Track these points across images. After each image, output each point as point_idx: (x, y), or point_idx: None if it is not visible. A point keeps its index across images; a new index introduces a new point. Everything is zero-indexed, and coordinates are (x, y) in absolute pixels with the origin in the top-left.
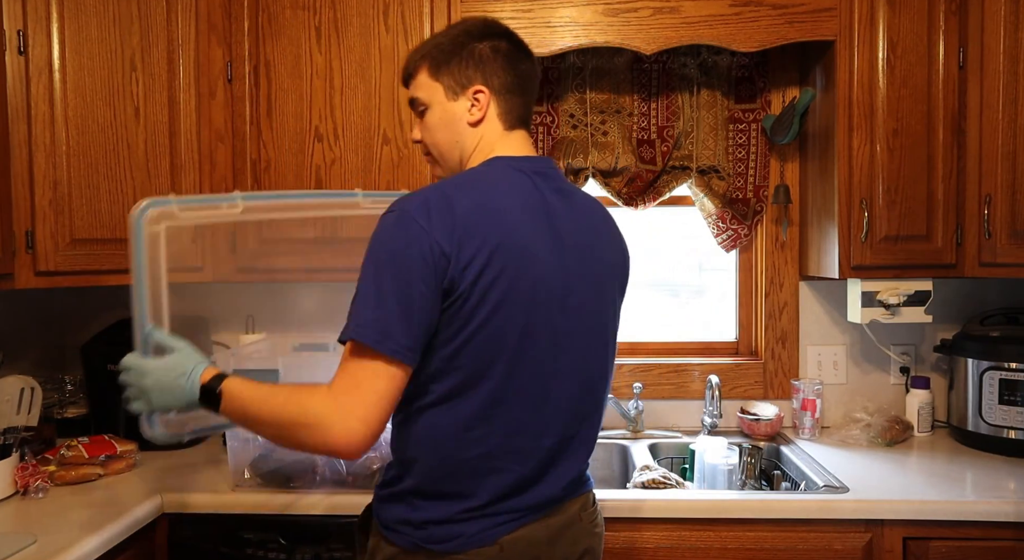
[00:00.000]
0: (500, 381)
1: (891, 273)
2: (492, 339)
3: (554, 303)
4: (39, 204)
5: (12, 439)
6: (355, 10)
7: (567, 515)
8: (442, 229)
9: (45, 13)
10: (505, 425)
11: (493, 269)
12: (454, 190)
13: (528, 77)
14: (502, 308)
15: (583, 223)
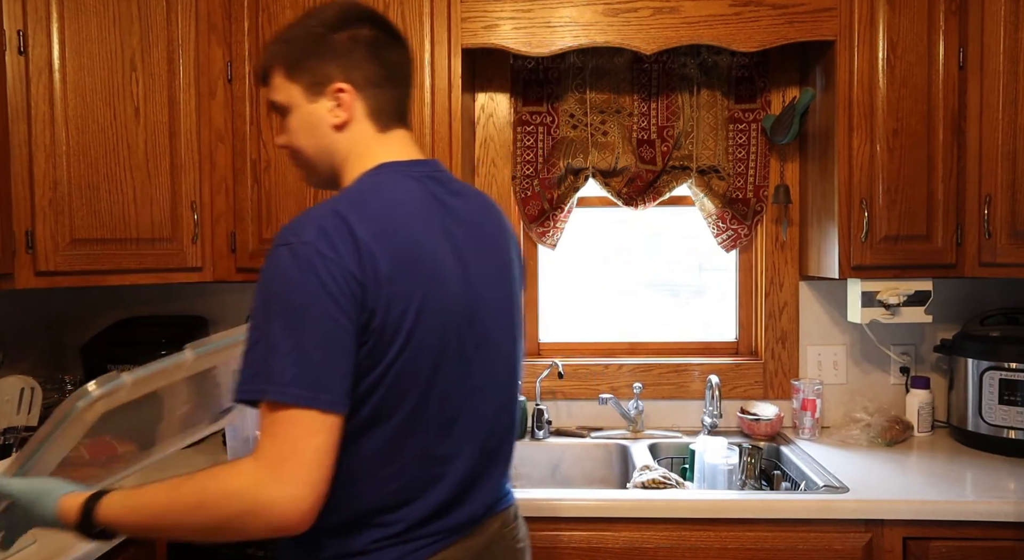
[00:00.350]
0: (410, 413)
1: (891, 273)
2: (406, 372)
3: (463, 322)
4: (39, 204)
5: (12, 439)
6: None
7: (487, 535)
8: (350, 256)
9: (45, 13)
10: (416, 455)
11: (404, 297)
12: (348, 210)
13: (399, 66)
14: (415, 338)
15: (482, 226)
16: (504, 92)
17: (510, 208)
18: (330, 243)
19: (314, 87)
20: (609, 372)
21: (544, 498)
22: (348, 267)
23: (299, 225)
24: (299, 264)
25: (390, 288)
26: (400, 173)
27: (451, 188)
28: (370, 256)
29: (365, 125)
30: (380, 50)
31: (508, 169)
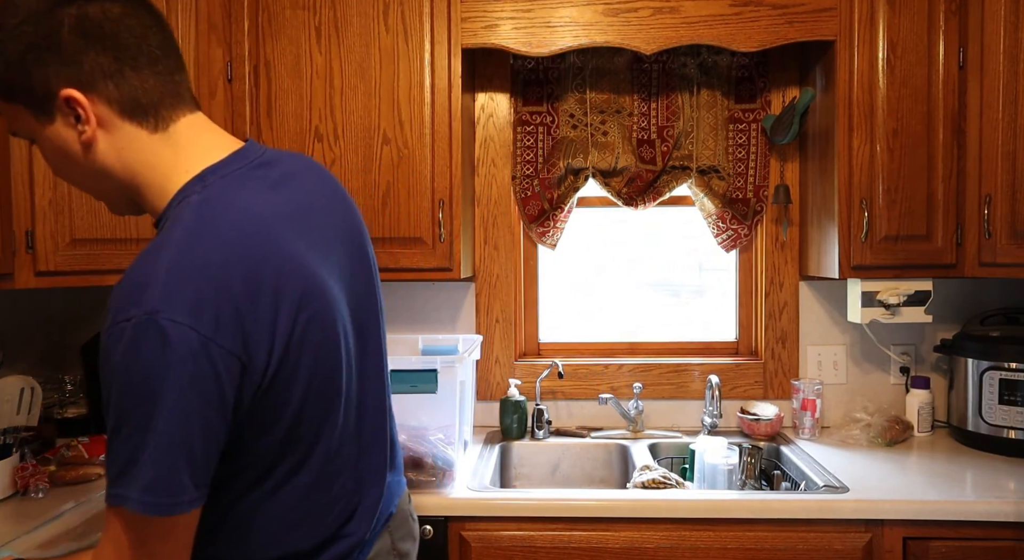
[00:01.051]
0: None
1: (891, 273)
2: (312, 416)
3: (349, 337)
4: (39, 204)
5: (12, 439)
6: (355, 10)
7: (399, 516)
8: (229, 331)
9: None
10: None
11: (296, 342)
12: (203, 251)
13: (141, 37)
14: (316, 377)
15: (323, 203)
16: (504, 92)
17: (510, 208)
18: (191, 310)
19: (38, 105)
20: (609, 372)
21: (544, 498)
22: (228, 347)
23: (145, 288)
24: (149, 341)
25: (278, 345)
26: (232, 183)
27: (284, 170)
28: (253, 320)
29: (128, 130)
30: (101, 27)
31: (508, 169)
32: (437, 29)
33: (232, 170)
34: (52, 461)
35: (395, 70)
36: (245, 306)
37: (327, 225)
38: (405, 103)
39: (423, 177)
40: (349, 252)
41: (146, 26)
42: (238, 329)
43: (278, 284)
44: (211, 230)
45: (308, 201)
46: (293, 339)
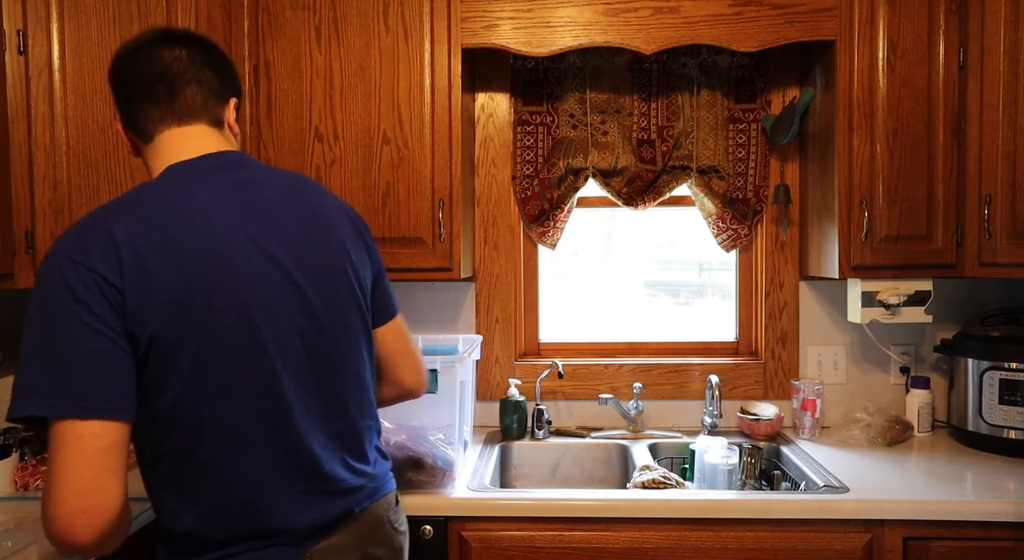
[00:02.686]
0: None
1: (891, 273)
2: (200, 391)
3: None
4: (39, 204)
5: (12, 439)
6: (355, 10)
7: (371, 518)
8: (104, 262)
9: (45, 13)
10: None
11: (179, 300)
12: (114, 214)
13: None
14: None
15: (290, 207)
16: (504, 92)
17: (510, 208)
18: (84, 250)
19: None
20: (609, 372)
21: (544, 498)
22: (102, 273)
23: (64, 234)
24: (50, 273)
25: (160, 289)
26: (179, 171)
27: (247, 176)
28: (132, 260)
29: (138, 142)
30: (121, 75)
31: (508, 169)
32: (437, 29)
33: (184, 167)
34: None
35: (395, 70)
36: (127, 251)
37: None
38: (405, 103)
39: (423, 177)
40: (305, 265)
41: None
42: (116, 264)
43: (168, 252)
44: (129, 200)
45: (259, 202)
46: (176, 306)
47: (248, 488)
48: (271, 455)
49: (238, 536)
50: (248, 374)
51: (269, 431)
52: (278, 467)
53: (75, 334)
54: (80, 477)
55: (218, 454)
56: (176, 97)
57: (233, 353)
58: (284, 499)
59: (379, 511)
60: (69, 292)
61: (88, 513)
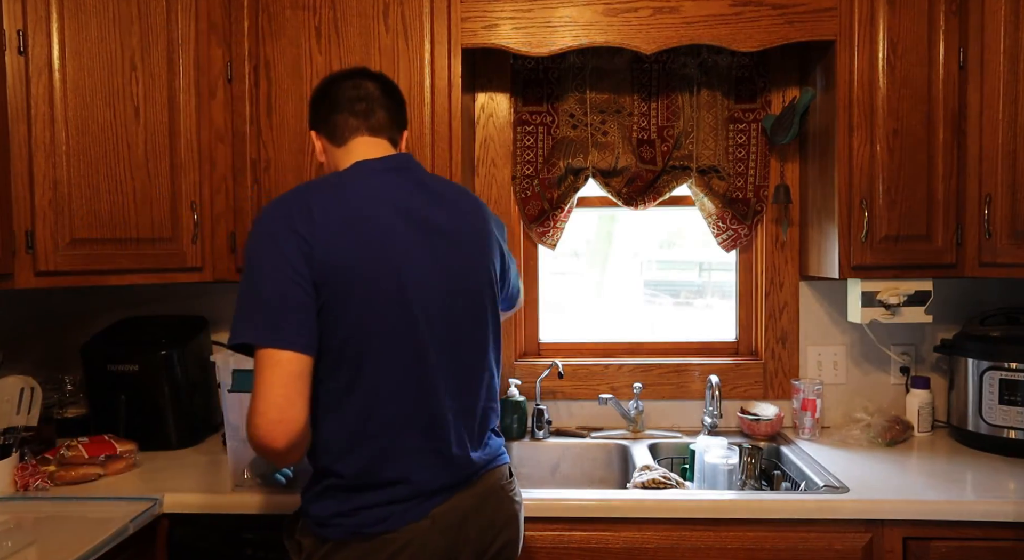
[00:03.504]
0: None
1: (891, 273)
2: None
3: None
4: (39, 204)
5: (12, 439)
6: (355, 10)
7: (487, 485)
8: (304, 226)
9: (45, 13)
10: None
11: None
12: (312, 189)
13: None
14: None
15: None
16: (504, 92)
17: (510, 208)
18: (288, 214)
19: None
20: (609, 372)
21: (544, 498)
22: (302, 233)
23: (274, 201)
24: (262, 231)
25: (339, 251)
26: (365, 166)
27: (414, 174)
28: (323, 226)
29: (328, 146)
30: (327, 97)
31: (508, 169)
32: (437, 29)
33: (367, 164)
34: (52, 461)
35: (395, 70)
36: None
37: (429, 218)
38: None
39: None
40: (452, 254)
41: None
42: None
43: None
44: (321, 181)
45: (422, 194)
46: (347, 267)
47: (386, 433)
48: (410, 410)
49: (367, 483)
50: (400, 334)
51: (414, 389)
52: (414, 423)
53: (279, 284)
54: (277, 393)
55: (369, 396)
56: (371, 115)
57: (388, 313)
58: (412, 454)
59: (494, 479)
60: (276, 247)
61: (282, 423)
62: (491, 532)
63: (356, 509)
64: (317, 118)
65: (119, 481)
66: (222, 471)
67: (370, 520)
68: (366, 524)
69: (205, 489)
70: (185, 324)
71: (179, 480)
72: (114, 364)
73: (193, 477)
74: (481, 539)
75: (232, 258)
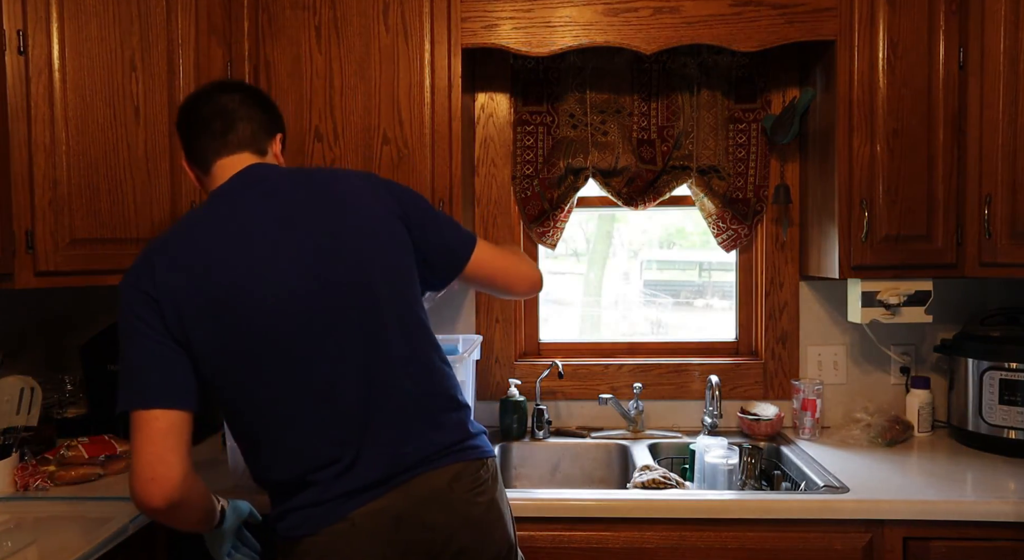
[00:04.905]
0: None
1: (891, 273)
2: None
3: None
4: (39, 204)
5: (12, 439)
6: (355, 10)
7: (430, 485)
8: (146, 280)
9: (45, 13)
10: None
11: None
12: (155, 242)
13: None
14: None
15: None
16: (504, 92)
17: (510, 208)
18: (136, 277)
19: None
20: (609, 372)
21: (544, 498)
22: (145, 289)
23: (129, 268)
24: (120, 302)
25: (183, 299)
26: (217, 193)
27: (263, 187)
28: (166, 278)
29: (200, 174)
30: (186, 120)
31: (508, 169)
32: (437, 29)
33: (215, 193)
34: (52, 461)
35: (395, 70)
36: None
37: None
38: (405, 103)
39: (423, 177)
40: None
41: (206, 106)
42: (152, 282)
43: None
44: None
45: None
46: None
47: (289, 447)
48: (310, 419)
49: (285, 490)
50: (276, 352)
51: (308, 398)
52: (317, 430)
53: (141, 342)
54: (148, 452)
55: (263, 418)
56: (230, 131)
57: (255, 337)
58: (317, 458)
59: (441, 478)
60: (131, 312)
61: (154, 482)
62: (437, 537)
63: (284, 512)
64: (184, 146)
65: (119, 481)
66: (222, 471)
67: (295, 522)
68: (293, 527)
69: None
70: None
71: None
72: (114, 364)
73: None
74: (417, 549)
75: None
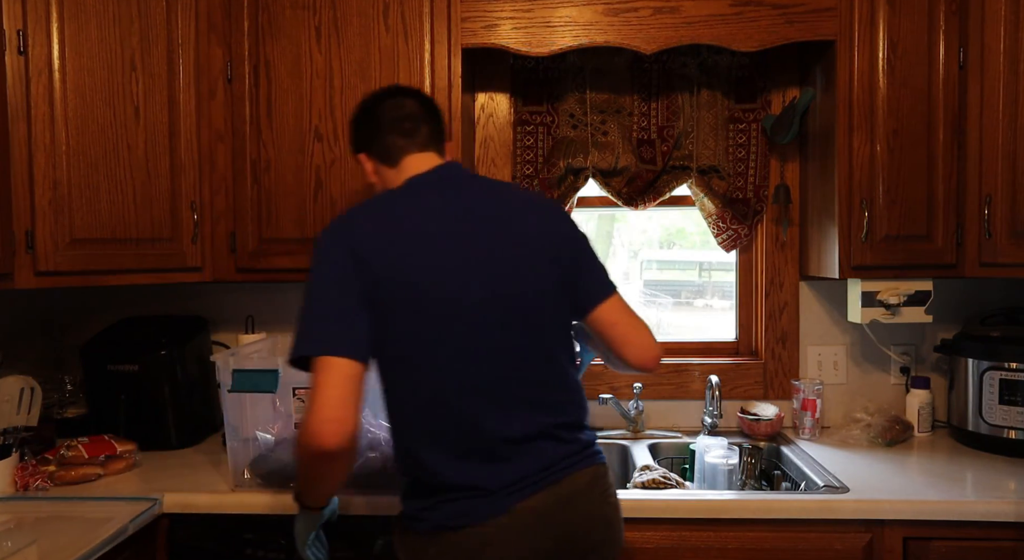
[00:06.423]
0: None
1: (891, 273)
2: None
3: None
4: (39, 204)
5: (12, 439)
6: (355, 10)
7: (572, 486)
8: (349, 239)
9: (45, 13)
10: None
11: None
12: (357, 208)
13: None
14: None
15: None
16: (504, 92)
17: None
18: (339, 233)
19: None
20: (609, 372)
21: None
22: (350, 245)
23: (330, 223)
24: (317, 252)
25: (382, 262)
26: (415, 181)
27: (464, 184)
28: (366, 240)
29: (380, 167)
30: (371, 118)
31: (508, 169)
32: (437, 29)
33: (412, 181)
34: (52, 461)
35: (395, 70)
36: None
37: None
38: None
39: None
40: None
41: (399, 105)
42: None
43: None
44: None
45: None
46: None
47: (441, 440)
48: (463, 415)
49: (441, 484)
50: (449, 342)
51: (467, 392)
52: (470, 429)
53: (332, 294)
54: (331, 394)
55: (423, 403)
56: (417, 133)
57: (435, 321)
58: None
59: (581, 480)
60: (329, 263)
61: (335, 422)
62: (580, 534)
63: (438, 503)
64: (364, 140)
65: (119, 481)
66: (222, 471)
67: (456, 512)
68: (452, 517)
69: (205, 489)
70: (185, 324)
71: (179, 480)
72: (114, 364)
73: (193, 477)
74: (568, 541)
75: (232, 258)
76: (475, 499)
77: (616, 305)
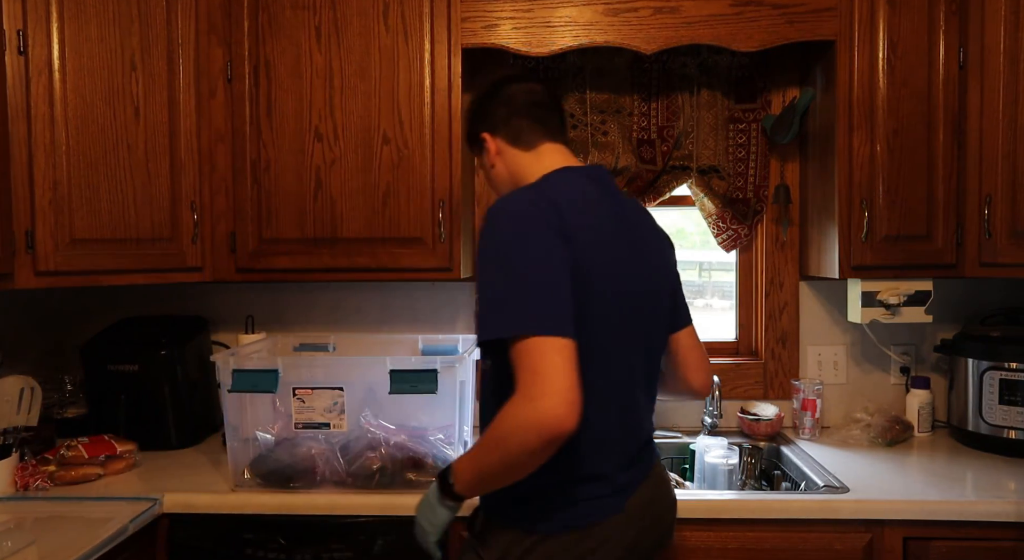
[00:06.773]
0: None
1: (891, 273)
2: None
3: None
4: (39, 204)
5: (12, 439)
6: (355, 10)
7: (658, 473)
8: (553, 211)
9: (45, 13)
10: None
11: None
12: (542, 187)
13: (528, 100)
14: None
15: (637, 222)
16: None
17: None
18: (537, 204)
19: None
20: None
21: None
22: (557, 225)
23: (507, 201)
24: (518, 228)
25: (583, 238)
26: (573, 173)
27: (613, 187)
28: (573, 220)
29: (508, 148)
30: (503, 99)
31: None
32: (437, 29)
33: (571, 170)
34: (52, 461)
35: (395, 70)
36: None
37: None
38: (405, 103)
39: (423, 177)
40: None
41: (535, 91)
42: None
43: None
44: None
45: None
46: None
47: (598, 428)
48: (619, 405)
49: (578, 477)
50: (623, 332)
51: (627, 383)
52: (620, 418)
53: (542, 269)
54: (569, 377)
55: (593, 390)
56: (549, 121)
57: (616, 311)
58: (613, 447)
59: (660, 467)
60: (540, 238)
61: (577, 404)
62: (664, 518)
63: (568, 504)
64: (492, 120)
65: (119, 481)
66: (222, 471)
67: (585, 512)
68: (581, 516)
69: (205, 489)
70: (185, 324)
71: (179, 480)
72: (114, 364)
73: (193, 477)
74: (657, 526)
75: (232, 258)
76: (607, 498)
77: (694, 332)
